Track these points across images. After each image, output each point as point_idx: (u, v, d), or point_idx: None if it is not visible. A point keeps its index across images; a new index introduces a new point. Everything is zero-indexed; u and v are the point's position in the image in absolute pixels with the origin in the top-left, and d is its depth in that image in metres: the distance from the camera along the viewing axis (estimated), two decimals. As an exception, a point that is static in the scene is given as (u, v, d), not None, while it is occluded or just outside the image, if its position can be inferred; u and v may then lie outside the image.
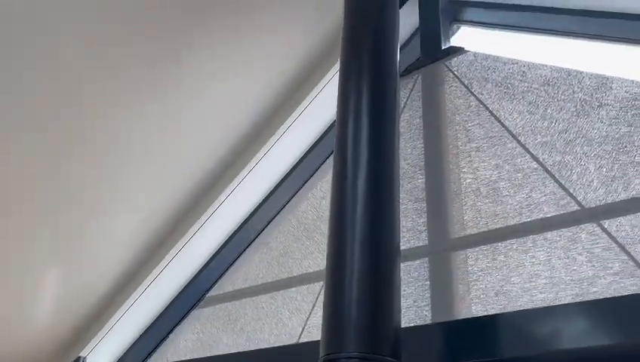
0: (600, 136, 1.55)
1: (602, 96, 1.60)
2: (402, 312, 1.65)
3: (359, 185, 1.35)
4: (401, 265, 1.73)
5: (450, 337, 1.38)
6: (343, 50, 1.58)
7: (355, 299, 1.20)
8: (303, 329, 1.90)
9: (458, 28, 2.06)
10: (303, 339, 1.89)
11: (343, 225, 1.32)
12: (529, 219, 1.57)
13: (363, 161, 1.38)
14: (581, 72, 1.66)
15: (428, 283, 1.68)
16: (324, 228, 2.00)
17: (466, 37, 2.04)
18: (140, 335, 2.32)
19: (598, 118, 1.58)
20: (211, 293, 2.28)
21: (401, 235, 1.81)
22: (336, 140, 1.47)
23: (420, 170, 1.88)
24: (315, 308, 1.91)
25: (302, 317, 1.91)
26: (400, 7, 1.76)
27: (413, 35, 2.13)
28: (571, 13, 1.74)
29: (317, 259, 2.00)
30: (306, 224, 2.09)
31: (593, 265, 1.42)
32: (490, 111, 1.79)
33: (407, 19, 2.08)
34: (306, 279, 1.98)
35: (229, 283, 2.27)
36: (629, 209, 1.42)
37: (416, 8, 2.11)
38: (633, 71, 1.56)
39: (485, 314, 1.52)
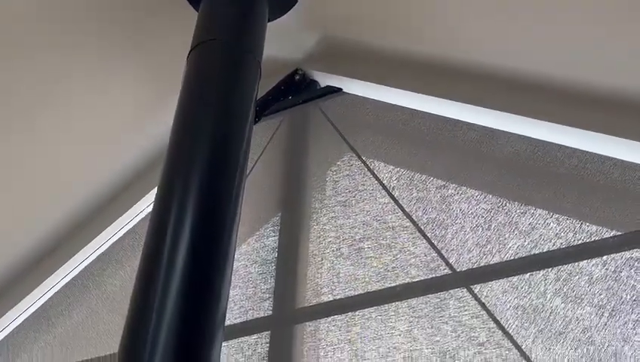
0: (479, 193, 2.00)
1: (487, 150, 2.08)
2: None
3: (178, 247, 1.55)
4: (234, 341, 2.01)
5: None
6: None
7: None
8: None
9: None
10: None
11: (149, 295, 1.49)
12: (393, 284, 1.94)
13: (186, 218, 1.63)
14: (467, 123, 2.15)
15: (265, 362, 1.95)
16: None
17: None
18: None
19: (480, 174, 2.04)
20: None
21: (240, 305, 2.09)
22: (160, 186, 1.72)
23: (273, 226, 2.22)
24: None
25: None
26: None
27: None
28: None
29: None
30: (110, 292, 2.34)
31: (458, 334, 1.78)
32: (363, 162, 2.20)
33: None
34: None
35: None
36: (502, 271, 1.84)
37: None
38: (518, 125, 2.07)
39: (330, 397, 1.81)
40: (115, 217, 2.48)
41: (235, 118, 1.84)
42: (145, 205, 2.47)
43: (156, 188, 1.74)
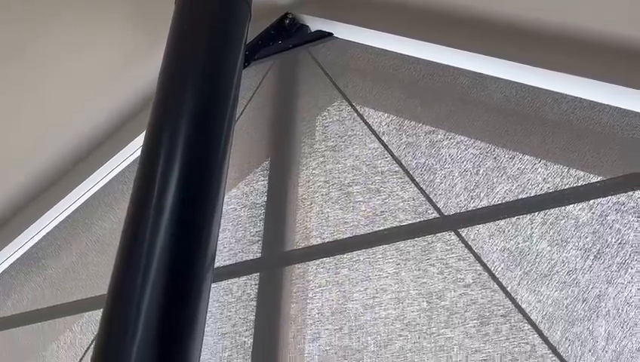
0: (468, 139, 2.01)
1: (477, 96, 2.08)
2: (218, 338, 1.93)
3: (167, 190, 1.58)
4: (223, 283, 2.03)
5: None
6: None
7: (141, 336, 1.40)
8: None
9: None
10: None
11: (138, 237, 1.53)
12: (381, 228, 1.96)
13: (176, 161, 1.67)
14: (458, 68, 2.15)
15: (254, 303, 1.97)
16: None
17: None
18: None
19: (470, 119, 2.04)
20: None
21: (229, 248, 2.11)
22: (147, 134, 1.74)
23: (262, 170, 2.23)
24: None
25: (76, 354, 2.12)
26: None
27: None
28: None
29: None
30: (100, 235, 2.37)
31: (444, 276, 1.80)
32: (352, 107, 2.19)
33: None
34: (89, 305, 2.21)
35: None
36: (491, 215, 1.85)
37: None
38: (508, 71, 2.06)
39: (317, 336, 1.84)
40: (104, 160, 2.48)
41: (225, 61, 1.83)
42: (135, 148, 2.46)
43: (145, 131, 1.75)
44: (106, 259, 2.27)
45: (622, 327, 1.58)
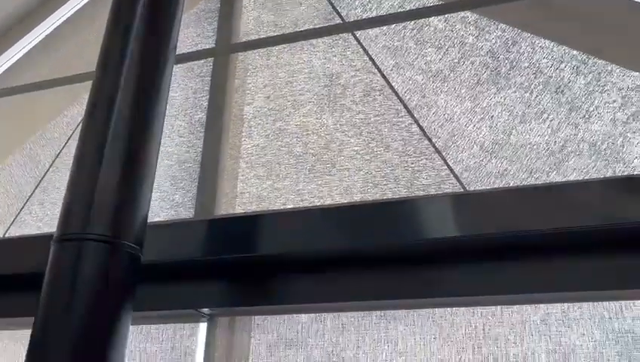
0: (367, -32, 2.14)
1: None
2: (183, 100, 2.11)
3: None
4: (187, 63, 2.19)
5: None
6: None
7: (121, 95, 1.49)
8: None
9: None
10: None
11: (118, 28, 1.64)
12: (301, 29, 2.12)
13: None
14: None
15: (209, 78, 2.14)
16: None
17: None
18: None
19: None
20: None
21: (191, 39, 2.25)
22: None
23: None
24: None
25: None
26: None
27: None
28: None
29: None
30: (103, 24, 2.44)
31: (342, 63, 2.00)
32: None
33: None
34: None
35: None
36: (378, 22, 2.04)
37: None
38: None
39: (252, 101, 2.05)
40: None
41: None
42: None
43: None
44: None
45: (455, 100, 1.82)
